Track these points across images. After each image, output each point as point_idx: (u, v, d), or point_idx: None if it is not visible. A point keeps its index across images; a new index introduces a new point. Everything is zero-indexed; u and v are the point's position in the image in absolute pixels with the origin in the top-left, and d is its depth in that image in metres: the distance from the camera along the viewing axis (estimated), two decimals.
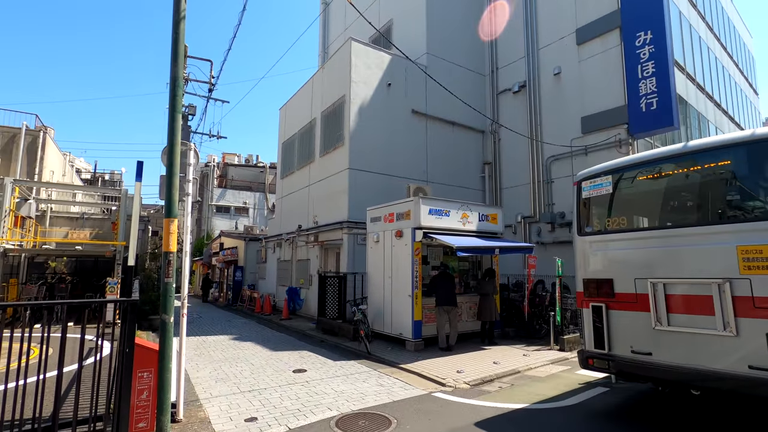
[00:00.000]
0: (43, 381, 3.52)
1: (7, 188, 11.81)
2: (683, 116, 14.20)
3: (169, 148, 4.60)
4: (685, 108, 14.22)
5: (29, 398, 3.49)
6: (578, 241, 5.36)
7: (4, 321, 3.73)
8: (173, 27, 4.38)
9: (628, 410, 5.05)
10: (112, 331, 4.22)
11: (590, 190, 5.37)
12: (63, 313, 3.71)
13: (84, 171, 41.53)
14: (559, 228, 13.55)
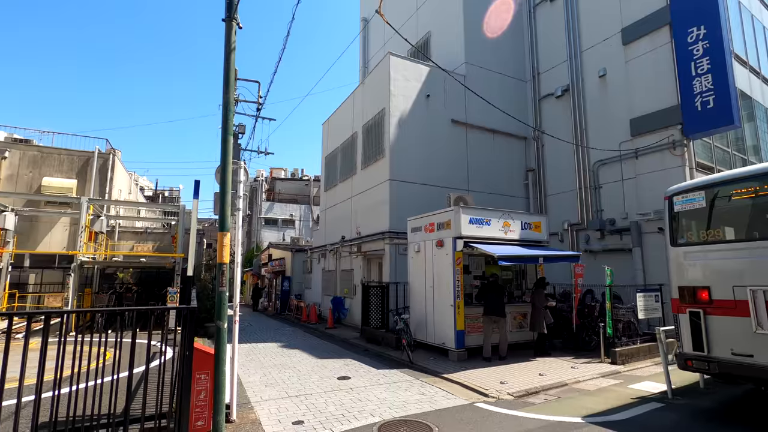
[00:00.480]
0: (117, 381, 3.95)
1: (83, 207, 13.11)
2: (747, 113, 13.24)
3: (222, 168, 5.00)
4: (749, 104, 13.26)
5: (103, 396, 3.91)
6: (672, 252, 5.85)
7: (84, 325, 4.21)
8: (225, 58, 4.80)
9: (686, 428, 4.78)
10: (174, 337, 4.62)
11: (683, 204, 5.82)
12: (133, 319, 4.14)
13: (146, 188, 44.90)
14: (609, 235, 12.97)
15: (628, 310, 9.39)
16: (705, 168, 11.95)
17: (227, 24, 4.81)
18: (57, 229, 17.91)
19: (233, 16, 4.81)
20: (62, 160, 18.37)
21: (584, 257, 13.50)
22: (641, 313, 8.51)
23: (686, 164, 11.21)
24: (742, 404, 5.59)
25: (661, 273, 11.10)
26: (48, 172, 18.01)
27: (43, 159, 18.09)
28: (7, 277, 14.05)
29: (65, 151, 18.66)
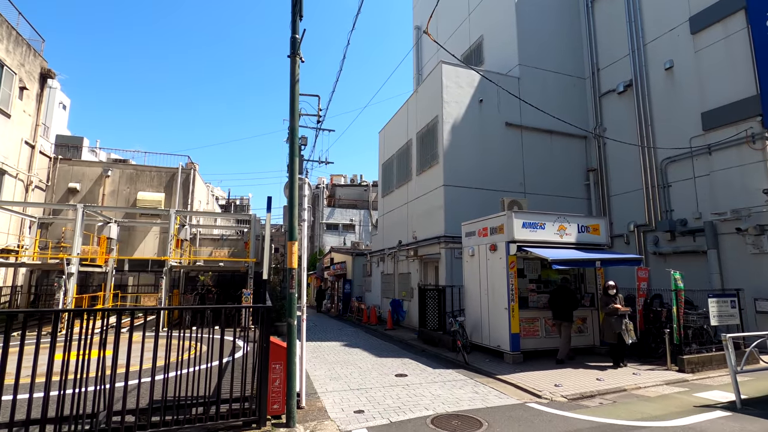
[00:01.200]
0: (208, 369, 4.75)
1: (172, 217, 14.88)
2: None
3: (290, 185, 5.71)
4: None
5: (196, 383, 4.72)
6: None
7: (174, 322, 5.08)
8: (290, 89, 5.51)
9: None
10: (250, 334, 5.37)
11: None
12: (223, 316, 4.93)
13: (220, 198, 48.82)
14: (680, 237, 12.23)
15: (700, 316, 8.89)
16: None
17: (292, 59, 5.51)
18: (149, 238, 20.32)
19: (297, 53, 5.50)
20: (152, 177, 20.82)
21: (653, 260, 12.85)
22: (714, 319, 8.08)
23: (767, 158, 10.33)
24: None
25: (740, 277, 10.35)
26: (141, 187, 20.50)
27: (138, 176, 20.63)
28: (112, 280, 16.27)
29: (155, 168, 21.12)
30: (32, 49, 17.01)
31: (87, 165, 20.45)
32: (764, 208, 10.18)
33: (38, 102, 17.50)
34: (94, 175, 20.05)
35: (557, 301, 8.85)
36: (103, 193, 19.87)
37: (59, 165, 19.51)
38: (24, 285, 16.88)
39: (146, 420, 4.40)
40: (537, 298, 9.61)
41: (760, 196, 10.27)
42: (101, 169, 20.22)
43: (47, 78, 18.03)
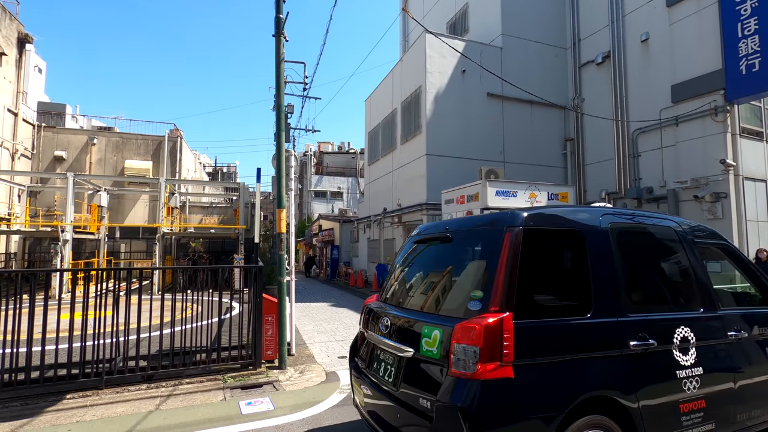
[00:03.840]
0: (208, 325, 5.42)
1: (161, 186, 15.22)
2: None
3: (278, 157, 6.21)
4: None
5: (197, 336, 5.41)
6: None
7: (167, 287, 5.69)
8: (276, 68, 5.90)
9: None
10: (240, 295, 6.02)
11: None
12: (227, 273, 5.55)
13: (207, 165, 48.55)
14: (646, 203, 13.07)
15: None
16: (752, 133, 11.65)
17: (276, 39, 5.87)
18: (139, 205, 20.62)
19: (281, 32, 5.86)
20: (139, 144, 20.86)
21: None
22: None
23: (728, 130, 11.03)
24: None
25: None
26: (128, 155, 20.57)
27: (124, 144, 20.65)
28: (105, 246, 16.73)
29: (141, 136, 21.12)
30: (8, 12, 16.57)
31: (72, 133, 20.37)
32: (720, 177, 10.99)
33: (18, 68, 17.24)
34: (80, 143, 20.03)
35: None
36: (90, 161, 19.94)
37: (43, 133, 19.42)
38: (18, 252, 17.24)
39: (157, 363, 5.10)
40: None
41: (718, 165, 11.05)
42: (87, 137, 20.17)
43: (25, 43, 17.66)
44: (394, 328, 2.80)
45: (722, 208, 10.98)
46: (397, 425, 2.54)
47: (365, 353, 3.16)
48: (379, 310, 3.11)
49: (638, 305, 2.73)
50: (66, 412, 4.17)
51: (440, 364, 2.33)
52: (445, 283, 2.86)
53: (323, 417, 4.07)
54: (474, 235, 2.86)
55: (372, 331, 3.09)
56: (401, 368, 2.59)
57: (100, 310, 4.73)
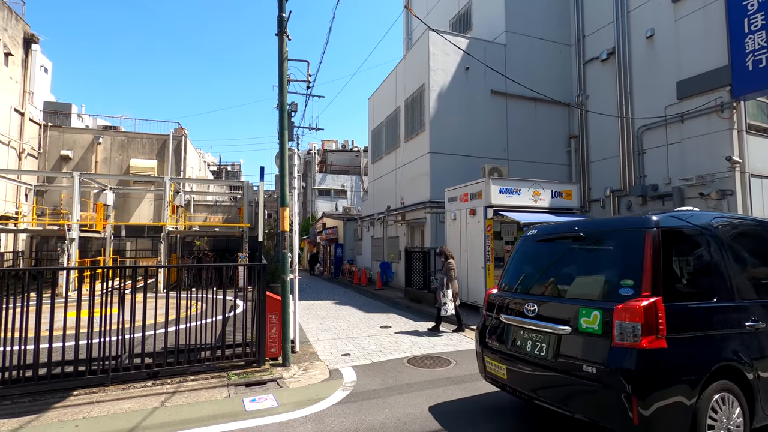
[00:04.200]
0: (213, 322, 5.47)
1: (166, 185, 15.31)
2: None
3: (280, 155, 6.24)
4: None
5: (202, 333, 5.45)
6: None
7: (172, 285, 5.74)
8: (278, 66, 5.92)
9: None
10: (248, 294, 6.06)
11: None
12: (232, 272, 5.59)
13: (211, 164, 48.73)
14: (651, 201, 13.00)
15: None
16: (759, 130, 11.53)
17: (279, 38, 5.89)
18: (144, 204, 20.76)
19: (284, 31, 5.87)
20: (144, 144, 20.98)
21: None
22: None
23: (734, 127, 10.94)
24: None
25: None
26: (133, 154, 20.70)
27: (129, 143, 20.77)
28: (111, 245, 16.87)
29: (146, 135, 21.24)
30: (14, 12, 16.69)
31: (77, 132, 20.52)
32: (726, 174, 10.91)
33: (24, 68, 17.37)
34: (86, 143, 20.17)
35: None
36: (95, 160, 20.08)
37: (49, 132, 19.57)
38: (25, 250, 17.42)
39: (162, 360, 5.15)
40: None
41: (723, 162, 10.96)
42: (92, 136, 20.31)
43: (31, 43, 17.79)
44: (542, 312, 3.39)
45: (728, 205, 10.90)
46: (555, 388, 3.19)
47: (500, 335, 3.78)
48: (517, 298, 3.72)
49: (747, 292, 3.34)
50: (73, 408, 4.23)
51: (601, 337, 2.93)
52: (588, 274, 3.48)
53: (326, 414, 4.10)
54: (611, 234, 3.43)
55: (511, 315, 3.69)
56: (557, 343, 3.19)
57: (106, 307, 4.79)
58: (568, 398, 3.10)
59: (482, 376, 4.03)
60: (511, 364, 3.53)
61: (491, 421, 3.90)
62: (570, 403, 3.08)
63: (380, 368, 5.63)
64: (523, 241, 4.16)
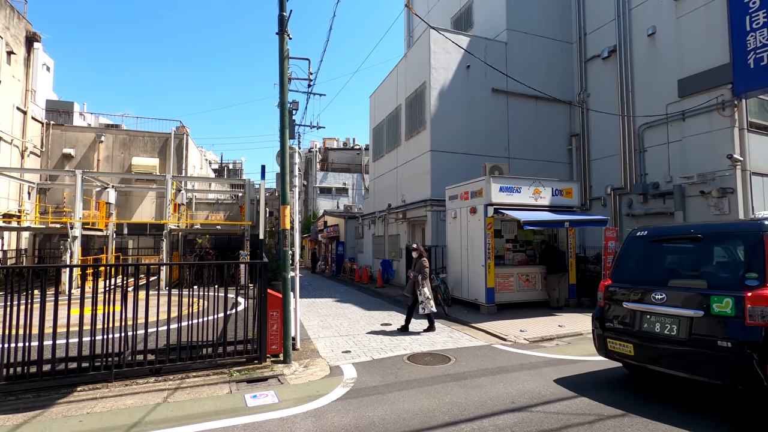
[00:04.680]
0: (215, 320, 5.52)
1: (168, 183, 15.37)
2: None
3: (281, 153, 6.27)
4: None
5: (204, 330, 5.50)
6: None
7: (174, 282, 5.78)
8: (279, 65, 5.95)
9: None
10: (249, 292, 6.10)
11: None
12: (234, 269, 5.64)
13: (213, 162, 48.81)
14: (652, 199, 12.99)
15: None
16: (760, 128, 11.51)
17: (280, 37, 5.92)
18: (146, 202, 20.83)
19: (285, 30, 5.90)
20: (146, 142, 21.04)
21: (626, 221, 13.69)
22: None
23: (735, 125, 10.93)
24: None
25: None
26: (135, 152, 20.77)
27: (131, 141, 20.84)
28: (113, 243, 16.95)
29: (147, 133, 21.30)
30: (16, 11, 16.74)
31: (80, 130, 20.59)
32: (727, 172, 10.90)
33: (26, 66, 17.43)
34: (88, 141, 20.24)
35: (549, 258, 10.17)
36: (97, 158, 20.16)
37: (52, 131, 19.65)
38: (28, 248, 17.52)
39: (165, 357, 5.20)
40: (512, 257, 10.47)
41: (725, 160, 10.95)
42: (94, 134, 20.38)
43: (33, 41, 17.84)
44: (671, 300, 4.11)
45: (729, 203, 10.89)
46: (686, 361, 3.91)
47: (625, 319, 4.50)
48: (640, 289, 4.44)
49: None
50: (77, 404, 4.28)
51: (734, 319, 3.64)
52: (711, 268, 4.21)
53: (327, 409, 4.15)
54: (731, 236, 4.20)
55: (636, 303, 4.41)
56: (689, 325, 3.92)
57: (109, 305, 4.84)
58: (699, 367, 3.83)
59: (600, 353, 4.86)
60: (639, 342, 4.28)
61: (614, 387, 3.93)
62: (701, 371, 3.81)
63: (380, 365, 5.67)
64: (633, 241, 4.95)
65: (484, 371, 5.33)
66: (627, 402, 4.23)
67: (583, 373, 5.25)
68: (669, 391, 4.50)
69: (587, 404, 4.19)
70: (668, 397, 4.36)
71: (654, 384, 4.76)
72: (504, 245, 10.50)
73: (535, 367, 5.53)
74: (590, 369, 5.41)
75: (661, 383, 4.76)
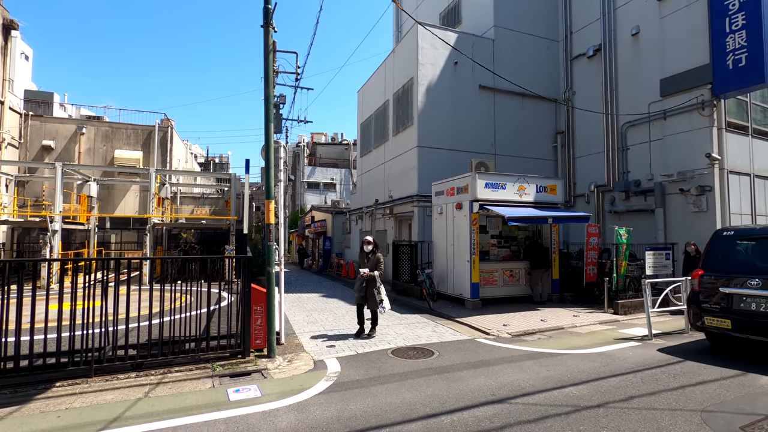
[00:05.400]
0: (198, 315, 5.48)
1: (152, 176, 15.12)
2: None
3: (266, 147, 6.23)
4: None
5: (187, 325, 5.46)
6: None
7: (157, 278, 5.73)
8: (264, 58, 5.89)
9: (639, 356, 5.70)
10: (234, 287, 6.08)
11: None
12: (221, 263, 5.59)
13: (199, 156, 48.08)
14: (633, 196, 13.26)
15: (638, 267, 10.01)
16: (738, 128, 11.82)
17: (265, 29, 5.86)
18: (129, 196, 20.46)
19: (270, 23, 5.84)
20: (129, 134, 20.63)
21: (609, 218, 13.95)
22: (649, 269, 9.19)
23: (714, 125, 11.20)
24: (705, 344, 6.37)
25: (681, 233, 11.49)
26: (118, 145, 20.35)
27: (113, 134, 20.41)
28: (95, 237, 16.64)
29: (131, 126, 20.88)
30: None
31: (60, 122, 20.09)
32: (706, 170, 11.18)
33: (3, 55, 16.91)
34: (68, 133, 19.77)
35: (533, 254, 10.28)
36: (78, 150, 19.71)
37: (31, 122, 19.13)
38: (6, 242, 17.09)
39: (146, 352, 5.16)
40: (497, 252, 10.60)
41: (704, 159, 11.23)
42: (75, 126, 19.91)
43: (10, 29, 17.31)
44: (765, 285, 5.25)
45: (707, 201, 11.19)
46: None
47: (721, 301, 5.69)
48: (735, 277, 5.61)
49: None
50: (55, 399, 4.23)
51: None
52: None
53: (309, 403, 4.17)
54: None
55: (732, 288, 5.58)
56: None
57: (89, 300, 4.77)
58: None
59: (694, 328, 6.20)
60: (737, 318, 5.44)
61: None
62: None
63: (364, 359, 5.71)
64: (720, 239, 6.15)
65: (467, 365, 5.41)
66: (602, 395, 4.34)
67: (562, 366, 5.36)
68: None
69: (565, 396, 4.29)
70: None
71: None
72: (489, 241, 10.61)
73: (517, 360, 5.63)
74: (569, 362, 5.52)
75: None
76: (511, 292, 10.27)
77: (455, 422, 3.69)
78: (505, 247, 10.86)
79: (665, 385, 4.60)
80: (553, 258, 10.51)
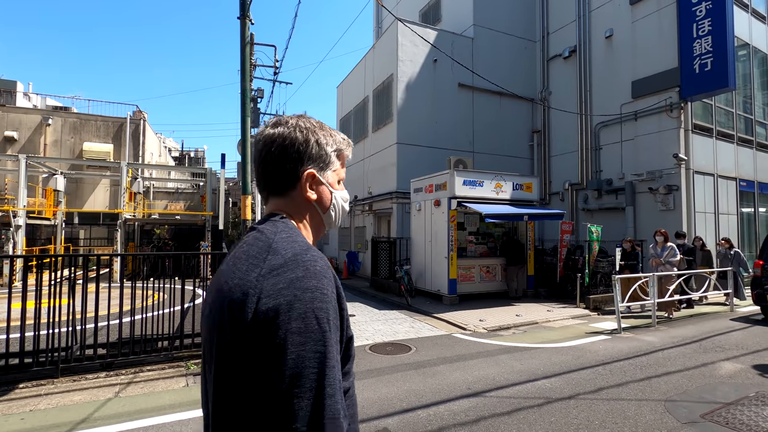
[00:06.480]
0: (171, 313, 5.35)
1: (123, 170, 14.64)
2: (745, 62, 13.38)
3: (242, 142, 6.12)
4: (748, 53, 13.37)
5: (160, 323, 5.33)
6: None
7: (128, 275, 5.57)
8: (241, 51, 5.78)
9: (606, 348, 5.91)
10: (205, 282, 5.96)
11: None
12: (196, 260, 5.46)
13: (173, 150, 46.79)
14: (605, 195, 13.66)
15: (609, 263, 10.34)
16: (704, 130, 12.32)
17: (242, 21, 5.74)
18: (99, 190, 19.75)
19: (247, 14, 5.73)
20: (98, 126, 19.88)
21: (582, 215, 14.34)
22: (618, 265, 9.51)
23: (681, 126, 11.64)
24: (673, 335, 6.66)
25: (650, 230, 11.86)
26: (87, 137, 19.59)
27: (82, 125, 19.63)
28: (62, 233, 16.00)
29: (101, 117, 20.12)
30: None
31: (24, 112, 19.19)
32: (673, 170, 11.62)
33: None
34: (33, 123, 18.91)
35: (509, 251, 10.47)
36: (44, 142, 18.88)
37: None
38: None
39: (117, 350, 5.01)
40: (474, 249, 10.75)
41: (671, 159, 11.67)
42: (41, 116, 19.06)
43: None
44: None
45: (674, 199, 11.64)
46: None
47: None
48: None
49: None
50: (18, 401, 4.06)
51: None
52: None
53: None
54: None
55: None
56: None
57: (56, 298, 4.59)
58: None
59: (758, 304, 8.11)
60: None
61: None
62: None
63: None
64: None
65: (443, 359, 5.49)
66: (573, 387, 4.48)
67: (535, 359, 5.50)
68: None
69: (537, 389, 4.41)
70: None
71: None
72: (467, 237, 10.75)
73: (492, 354, 5.74)
74: (542, 356, 5.67)
75: None
76: (487, 287, 10.44)
77: (431, 416, 3.74)
78: (482, 244, 11.03)
79: (632, 376, 4.78)
80: (528, 254, 10.73)
